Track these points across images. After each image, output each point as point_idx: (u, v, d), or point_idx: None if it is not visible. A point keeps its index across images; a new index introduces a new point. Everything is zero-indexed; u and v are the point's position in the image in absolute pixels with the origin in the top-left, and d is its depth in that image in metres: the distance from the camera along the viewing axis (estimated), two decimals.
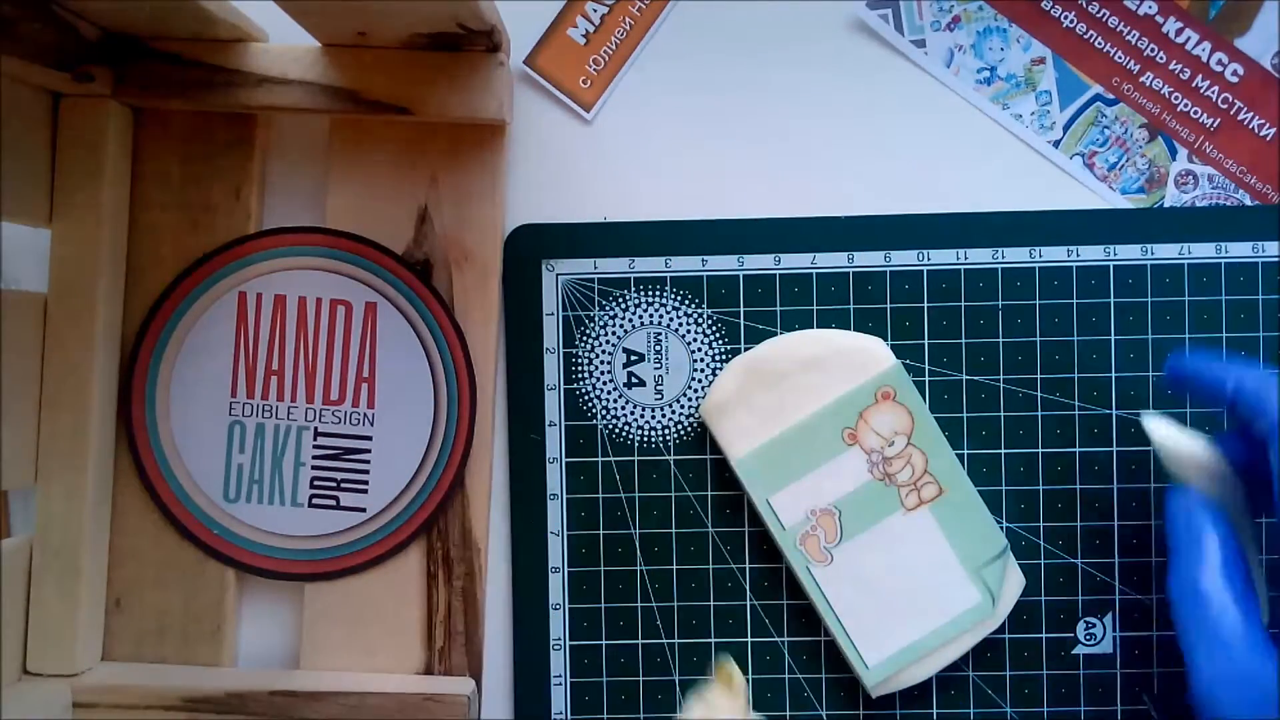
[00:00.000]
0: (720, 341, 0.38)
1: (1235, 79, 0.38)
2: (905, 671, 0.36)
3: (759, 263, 0.38)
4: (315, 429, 0.37)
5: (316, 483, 0.37)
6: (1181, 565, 0.32)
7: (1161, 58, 0.38)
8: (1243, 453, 0.33)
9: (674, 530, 0.38)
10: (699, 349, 0.38)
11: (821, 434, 0.36)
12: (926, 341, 0.37)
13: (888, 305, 0.37)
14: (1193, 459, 0.33)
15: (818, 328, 0.37)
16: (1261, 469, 0.31)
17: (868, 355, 0.36)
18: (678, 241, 0.38)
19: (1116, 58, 0.38)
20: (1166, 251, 0.37)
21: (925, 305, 0.37)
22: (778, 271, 0.38)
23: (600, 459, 0.38)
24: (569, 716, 0.38)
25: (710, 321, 0.38)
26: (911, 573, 0.36)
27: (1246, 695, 0.29)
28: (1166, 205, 0.38)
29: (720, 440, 0.36)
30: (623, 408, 0.38)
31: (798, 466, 0.36)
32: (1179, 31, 0.38)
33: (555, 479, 0.38)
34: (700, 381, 0.38)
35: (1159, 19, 0.38)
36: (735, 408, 0.36)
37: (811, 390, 0.36)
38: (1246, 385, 0.31)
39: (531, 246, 0.38)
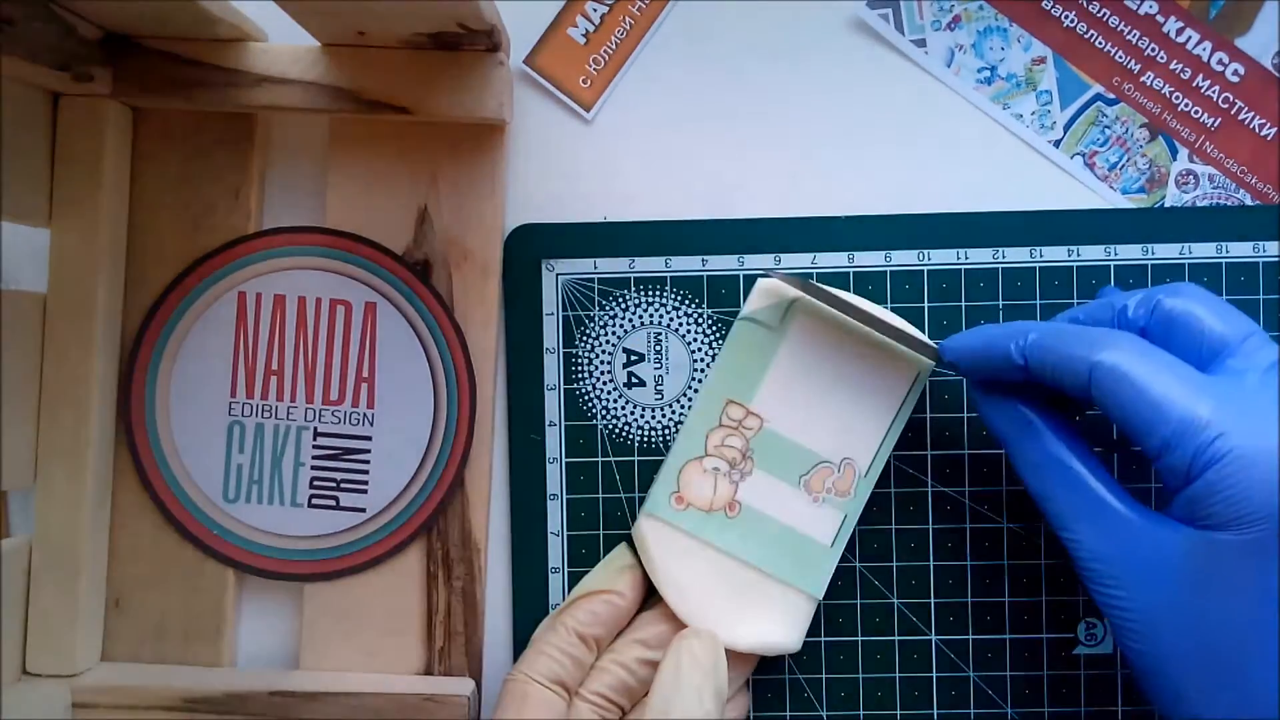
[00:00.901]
0: (720, 341, 0.38)
1: (1236, 79, 0.38)
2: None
3: (759, 263, 0.38)
4: (315, 429, 0.37)
5: (316, 483, 0.37)
6: (1026, 444, 0.31)
7: (1162, 57, 0.38)
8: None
9: None
10: (699, 349, 0.38)
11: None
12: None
13: (888, 305, 0.37)
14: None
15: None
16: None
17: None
18: (678, 241, 0.38)
19: (1117, 57, 0.38)
20: (1167, 251, 0.37)
21: (925, 305, 0.37)
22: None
23: (600, 459, 0.38)
24: None
25: (710, 321, 0.38)
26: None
27: (1138, 555, 0.28)
28: (1167, 205, 0.38)
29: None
30: (623, 408, 0.38)
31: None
32: (1179, 31, 0.38)
33: (555, 479, 0.38)
34: (700, 381, 0.38)
35: (1159, 18, 0.38)
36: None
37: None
38: (1034, 345, 0.30)
39: (531, 246, 0.38)
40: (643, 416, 0.38)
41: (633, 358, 0.38)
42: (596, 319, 0.38)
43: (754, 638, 0.34)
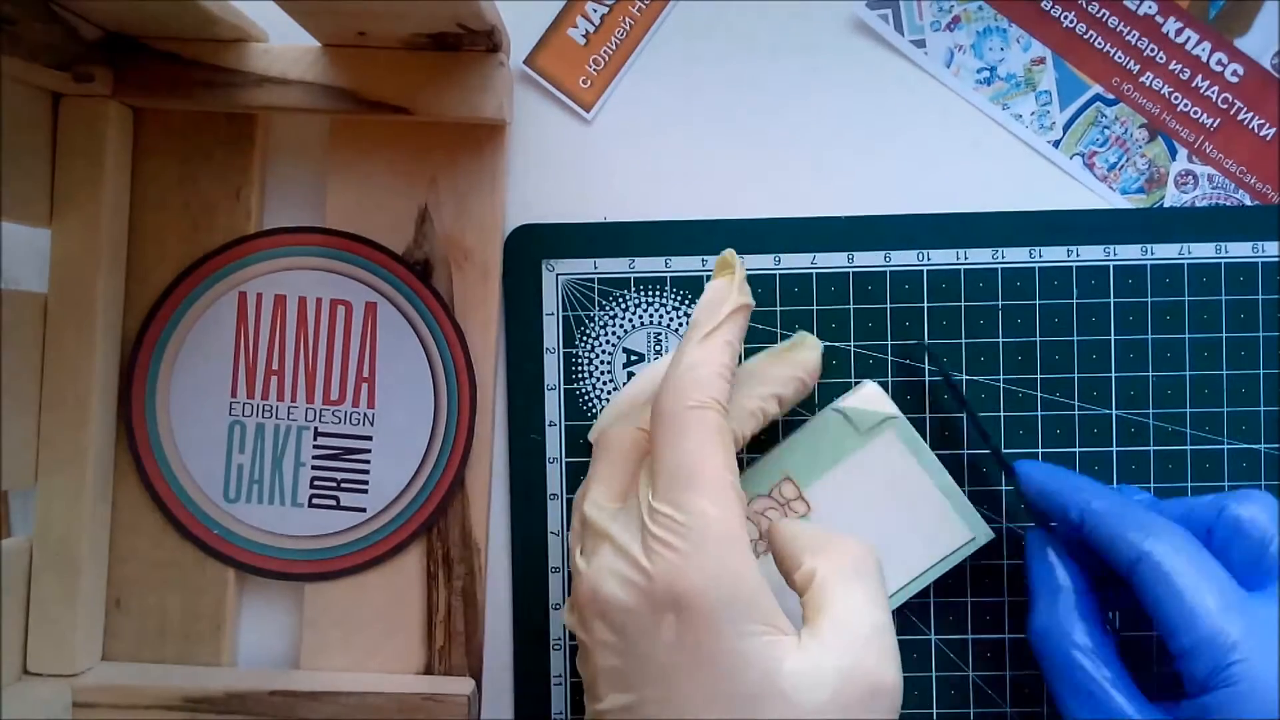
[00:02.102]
0: None
1: (1235, 79, 0.38)
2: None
3: (759, 263, 0.38)
4: (315, 429, 0.37)
5: (316, 483, 0.37)
6: (1044, 608, 0.32)
7: (1161, 58, 0.38)
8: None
9: None
10: None
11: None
12: (926, 342, 0.37)
13: (888, 305, 0.37)
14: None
15: (818, 333, 0.37)
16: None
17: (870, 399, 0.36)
18: (678, 241, 0.38)
19: (1116, 58, 0.38)
20: (1166, 251, 0.37)
21: (925, 305, 0.37)
22: (777, 271, 0.38)
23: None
24: (569, 716, 0.38)
25: None
26: (893, 511, 0.35)
27: None
28: (1166, 205, 0.38)
29: None
30: None
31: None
32: (1179, 31, 0.38)
33: (555, 479, 0.38)
34: None
35: (1159, 19, 0.38)
36: None
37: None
38: (1094, 513, 0.31)
39: (531, 246, 0.38)
40: None
41: (633, 358, 0.38)
42: (596, 319, 0.38)
43: None
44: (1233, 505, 0.31)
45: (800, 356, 0.35)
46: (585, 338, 0.38)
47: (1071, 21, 0.38)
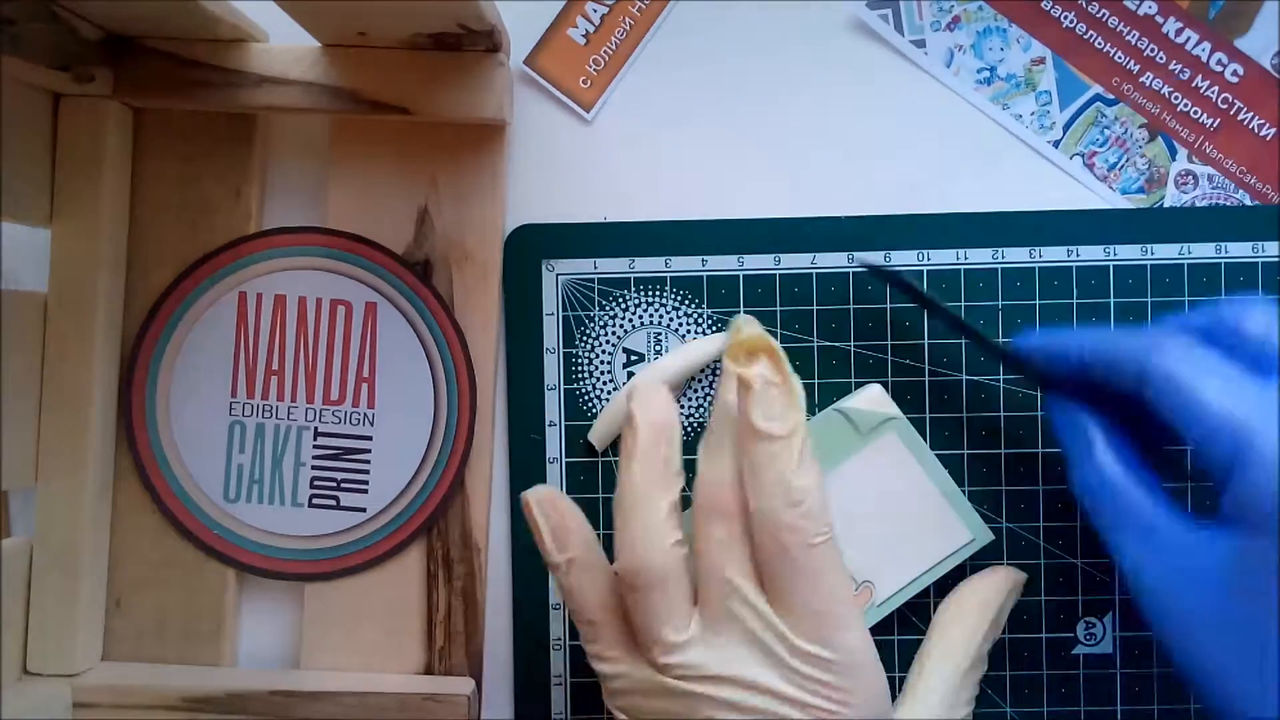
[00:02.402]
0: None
1: (1235, 79, 0.38)
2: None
3: (759, 263, 0.38)
4: (315, 429, 0.37)
5: (316, 483, 0.37)
6: (1080, 461, 0.32)
7: (1161, 58, 0.38)
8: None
9: None
10: None
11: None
12: (926, 341, 0.37)
13: (887, 305, 0.37)
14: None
15: (818, 333, 0.37)
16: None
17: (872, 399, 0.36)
18: (678, 241, 0.38)
19: (1116, 58, 0.38)
20: (1166, 251, 0.37)
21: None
22: (778, 271, 0.38)
23: (600, 459, 0.38)
24: (569, 716, 0.38)
25: (710, 321, 0.38)
26: (895, 515, 0.35)
27: (1183, 570, 0.29)
28: (1166, 205, 0.38)
29: None
30: None
31: None
32: (1179, 31, 0.38)
33: (555, 479, 0.38)
34: (700, 381, 0.38)
35: (1159, 19, 0.38)
36: None
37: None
38: (1094, 348, 0.31)
39: (531, 246, 0.38)
40: None
41: (633, 358, 0.38)
42: (596, 319, 0.38)
43: None
44: (1229, 309, 0.31)
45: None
46: (585, 338, 0.38)
47: (1071, 21, 0.38)
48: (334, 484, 0.37)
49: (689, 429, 0.37)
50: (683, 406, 0.38)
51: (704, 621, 0.29)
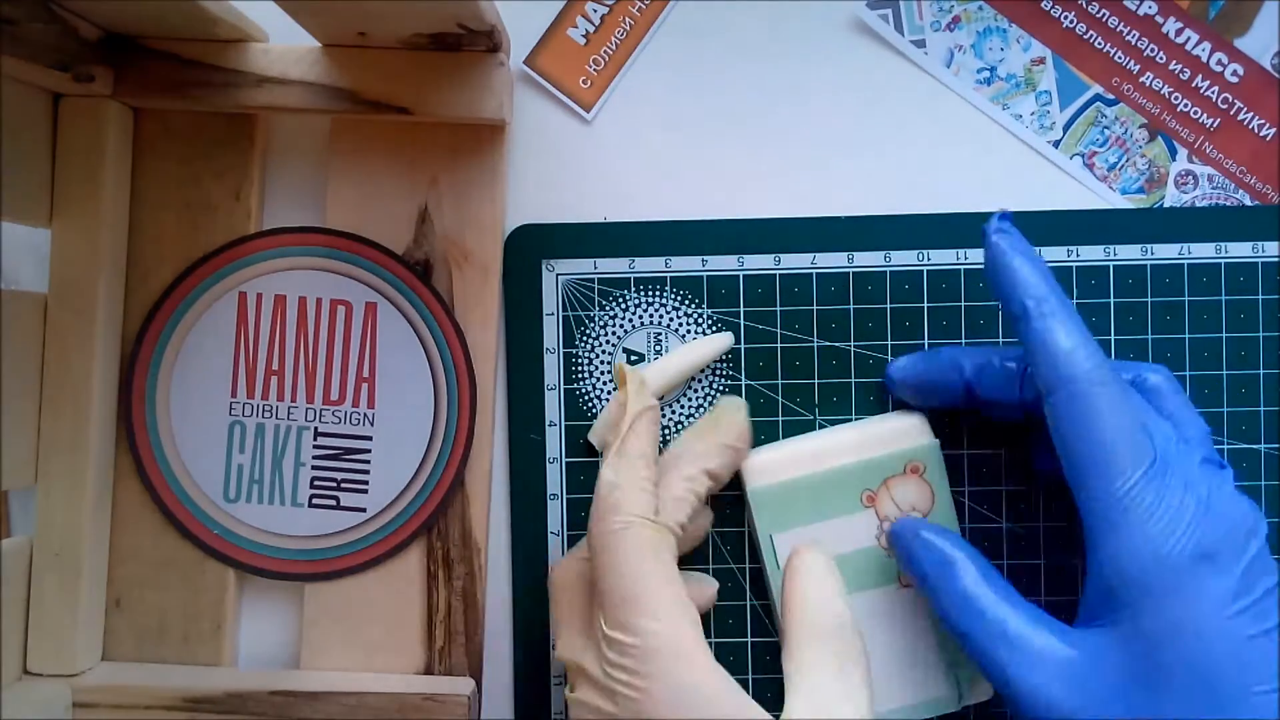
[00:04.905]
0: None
1: (1235, 79, 0.38)
2: None
3: (759, 263, 0.38)
4: (315, 429, 0.37)
5: (316, 483, 0.37)
6: (945, 582, 0.31)
7: (1161, 58, 0.38)
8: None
9: None
10: None
11: (842, 489, 0.35)
12: (926, 341, 0.37)
13: (888, 305, 0.37)
14: None
15: (818, 333, 0.37)
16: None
17: (908, 427, 0.36)
18: (678, 241, 0.38)
19: (1116, 58, 0.38)
20: (1166, 251, 0.37)
21: (925, 305, 0.37)
22: (778, 271, 0.38)
23: (600, 459, 0.38)
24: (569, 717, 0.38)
25: (710, 321, 0.38)
26: (889, 648, 0.35)
27: (1055, 673, 0.29)
28: (1166, 205, 0.38)
29: (743, 466, 0.36)
30: None
31: (809, 513, 0.35)
32: (1179, 31, 0.38)
33: (555, 479, 0.38)
34: (700, 382, 0.38)
35: (1159, 19, 0.38)
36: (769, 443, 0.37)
37: (844, 445, 0.36)
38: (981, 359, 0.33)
39: (531, 246, 0.38)
40: None
41: (633, 358, 0.38)
42: (596, 319, 0.38)
43: None
44: (1146, 373, 0.33)
45: (724, 422, 0.35)
46: (585, 338, 0.38)
47: (1071, 21, 0.38)
48: (334, 484, 0.37)
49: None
50: (682, 406, 0.38)
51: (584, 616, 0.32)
